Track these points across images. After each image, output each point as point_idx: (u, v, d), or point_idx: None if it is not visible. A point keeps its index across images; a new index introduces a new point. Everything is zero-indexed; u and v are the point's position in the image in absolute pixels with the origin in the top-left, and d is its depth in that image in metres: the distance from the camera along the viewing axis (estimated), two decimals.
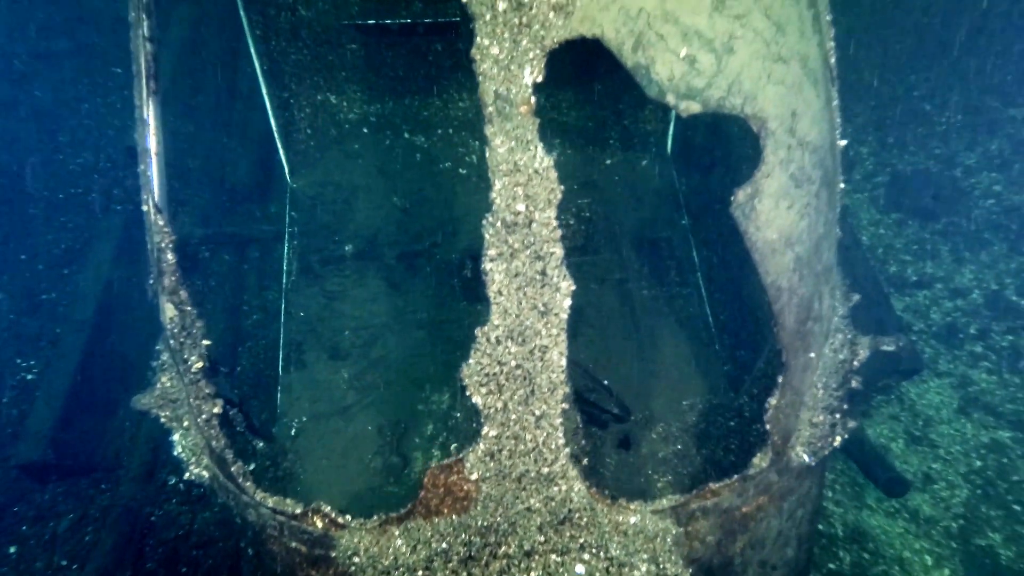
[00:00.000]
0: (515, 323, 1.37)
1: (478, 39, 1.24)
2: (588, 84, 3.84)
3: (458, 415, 2.68)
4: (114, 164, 5.47)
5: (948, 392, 4.72)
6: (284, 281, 3.25)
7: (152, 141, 1.50)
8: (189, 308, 1.65)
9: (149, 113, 1.48)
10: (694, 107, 1.26)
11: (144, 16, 1.47)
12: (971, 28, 7.18)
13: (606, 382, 2.39)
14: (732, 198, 1.30)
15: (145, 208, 1.56)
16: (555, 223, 1.30)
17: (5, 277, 4.55)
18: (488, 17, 1.23)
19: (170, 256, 1.57)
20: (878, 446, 4.14)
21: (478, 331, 1.44)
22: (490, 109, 1.23)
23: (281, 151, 3.64)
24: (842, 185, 1.58)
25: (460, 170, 3.86)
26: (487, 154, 1.27)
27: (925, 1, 7.45)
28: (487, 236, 1.33)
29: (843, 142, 1.51)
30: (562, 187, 1.29)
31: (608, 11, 1.26)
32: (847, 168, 6.49)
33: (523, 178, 1.26)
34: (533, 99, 1.25)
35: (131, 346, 3.82)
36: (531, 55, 1.23)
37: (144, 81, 1.47)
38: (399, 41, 3.72)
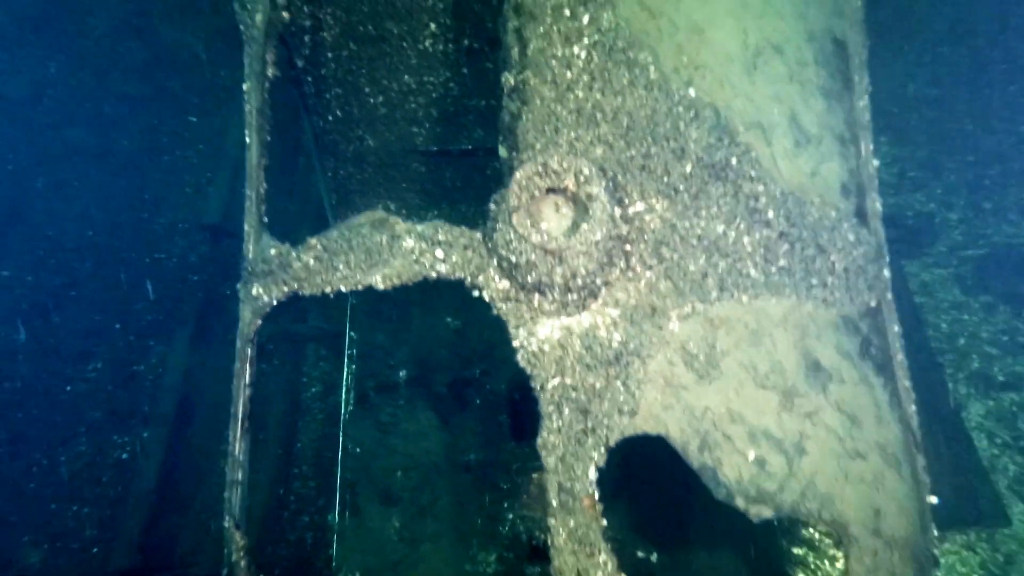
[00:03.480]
0: None
1: (544, 434, 1.26)
2: None
3: None
4: (191, 225, 5.82)
5: None
6: (343, 412, 3.42)
7: (239, 473, 1.61)
8: None
9: (239, 449, 1.60)
10: (766, 512, 1.22)
11: (248, 367, 1.57)
12: None
13: None
14: None
15: (226, 524, 1.69)
16: None
17: (103, 346, 5.02)
18: (554, 418, 1.25)
19: (243, 563, 1.70)
20: None
21: None
22: (553, 504, 1.25)
23: None
24: (934, 499, 1.43)
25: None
26: (551, 553, 1.28)
27: None
28: None
29: (933, 499, 1.39)
30: None
31: (672, 410, 1.24)
32: (929, 240, 5.96)
33: None
34: (597, 494, 1.26)
35: (207, 437, 4.18)
36: (595, 454, 1.24)
37: (240, 422, 1.59)
38: (459, 160, 3.76)
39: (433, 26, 2.82)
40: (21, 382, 4.86)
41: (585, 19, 1.41)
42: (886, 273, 1.39)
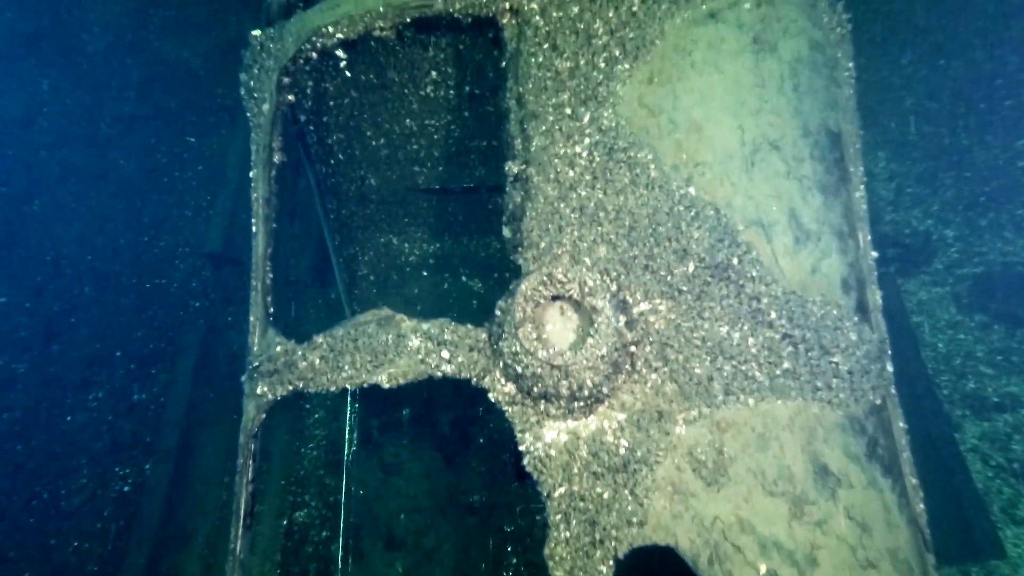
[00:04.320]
0: None
1: (551, 545, 1.26)
2: None
3: None
4: (192, 249, 5.79)
5: None
6: (346, 453, 3.43)
7: (238, 573, 1.61)
8: None
9: (240, 548, 1.60)
10: None
11: (251, 462, 1.58)
12: None
13: None
14: None
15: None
16: None
17: (104, 375, 5.01)
18: (562, 528, 1.25)
19: None
20: None
21: None
22: None
23: (345, 307, 3.80)
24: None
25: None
26: None
27: None
28: None
29: None
30: None
31: (681, 519, 1.25)
32: (927, 258, 5.98)
33: None
34: None
35: (209, 469, 4.18)
36: (603, 568, 1.24)
37: (241, 519, 1.59)
38: (462, 196, 3.77)
39: (434, 74, 2.83)
40: (20, 412, 4.85)
41: (586, 118, 1.42)
42: (889, 368, 1.41)
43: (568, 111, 1.42)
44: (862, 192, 1.50)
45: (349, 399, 3.65)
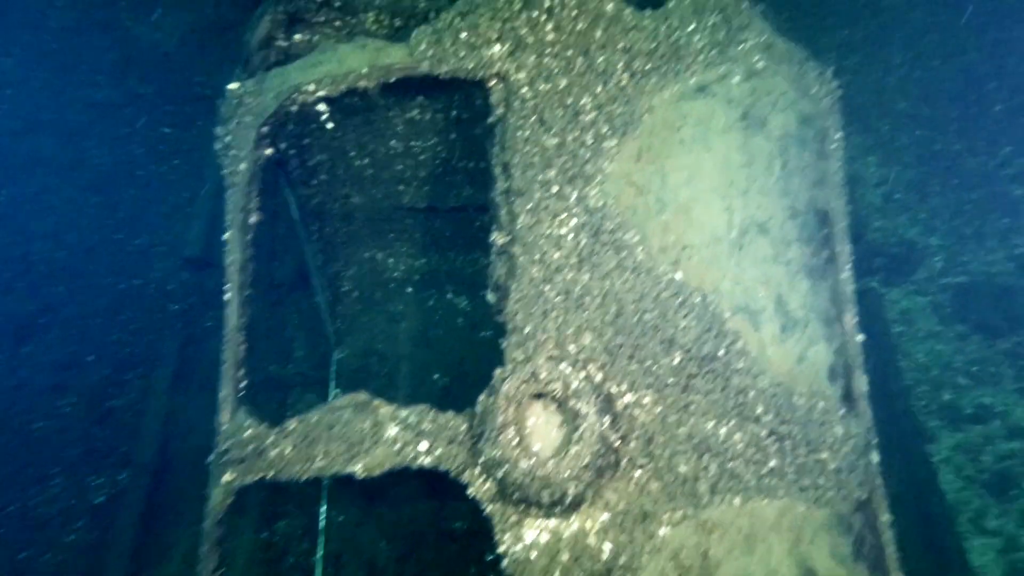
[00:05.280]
0: None
1: None
2: None
3: None
4: (170, 249, 5.60)
5: (991, 555, 4.53)
6: (325, 481, 3.39)
7: None
8: None
9: None
10: None
11: (216, 547, 1.52)
12: None
13: None
14: None
15: None
16: None
17: (77, 379, 4.87)
18: None
19: None
20: None
21: None
22: None
23: (327, 324, 3.72)
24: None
25: (500, 340, 3.85)
26: None
27: None
28: None
29: None
30: None
31: None
32: (912, 267, 6.02)
33: None
34: None
35: (188, 482, 4.11)
36: None
37: None
38: (448, 215, 3.68)
39: (421, 97, 2.72)
40: None
41: (573, 197, 1.36)
42: (875, 460, 1.39)
43: (555, 189, 1.35)
44: (848, 274, 1.47)
45: None
